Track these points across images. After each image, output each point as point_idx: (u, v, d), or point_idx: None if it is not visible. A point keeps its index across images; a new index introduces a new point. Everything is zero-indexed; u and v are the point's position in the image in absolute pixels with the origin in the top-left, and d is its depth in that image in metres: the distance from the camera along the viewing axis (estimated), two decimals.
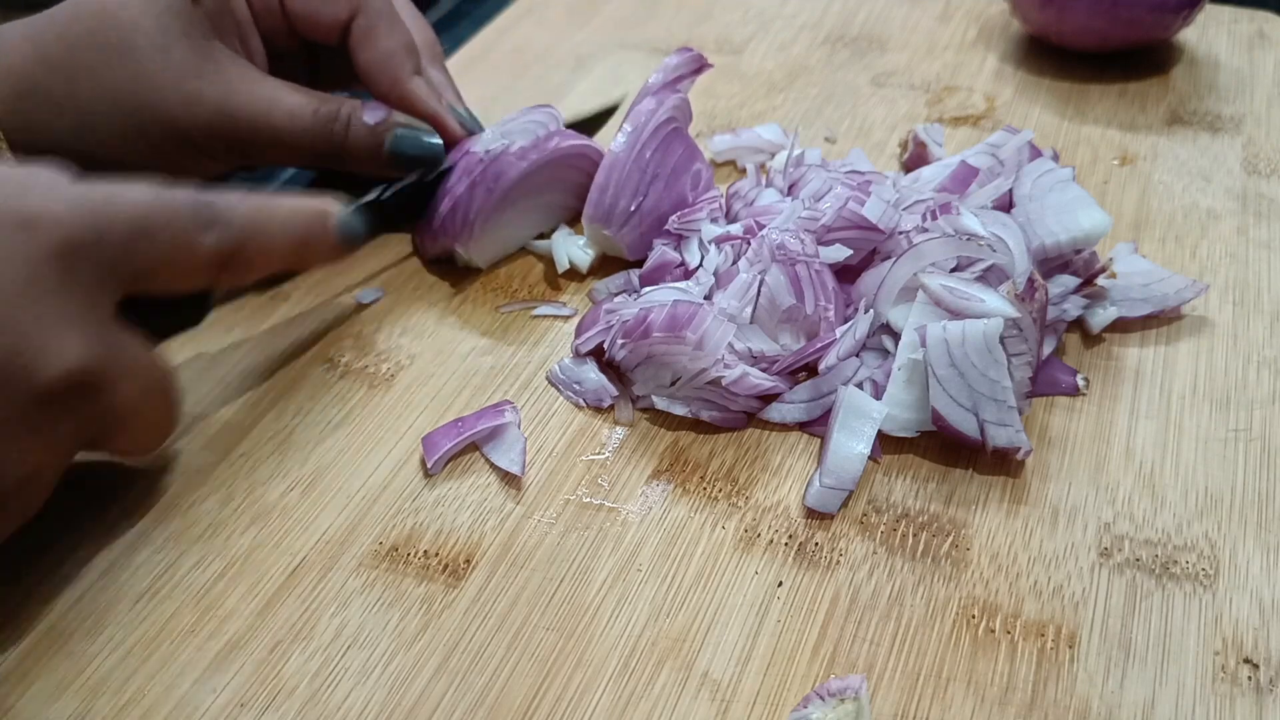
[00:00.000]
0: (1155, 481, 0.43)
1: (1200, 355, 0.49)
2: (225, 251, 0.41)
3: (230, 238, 0.41)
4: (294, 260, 0.45)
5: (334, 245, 0.46)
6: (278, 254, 0.44)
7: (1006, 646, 0.38)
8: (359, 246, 0.48)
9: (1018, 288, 0.44)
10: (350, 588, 0.40)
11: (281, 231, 0.44)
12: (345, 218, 0.47)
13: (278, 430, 0.46)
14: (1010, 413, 0.43)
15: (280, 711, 0.37)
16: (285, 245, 0.44)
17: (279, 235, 0.44)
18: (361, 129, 0.51)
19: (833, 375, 0.46)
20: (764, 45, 0.71)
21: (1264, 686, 0.37)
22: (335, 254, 0.47)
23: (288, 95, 0.51)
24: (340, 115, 0.51)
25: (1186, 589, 0.40)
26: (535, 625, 0.39)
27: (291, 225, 0.44)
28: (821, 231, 0.48)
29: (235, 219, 0.41)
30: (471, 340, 0.51)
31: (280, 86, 0.51)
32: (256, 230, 0.42)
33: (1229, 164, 0.60)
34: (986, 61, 0.69)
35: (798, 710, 0.36)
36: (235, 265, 0.42)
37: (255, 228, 0.42)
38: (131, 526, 0.43)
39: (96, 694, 0.37)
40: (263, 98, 0.50)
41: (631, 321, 0.46)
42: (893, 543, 0.41)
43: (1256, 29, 0.71)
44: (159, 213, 0.39)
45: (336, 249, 0.47)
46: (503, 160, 0.52)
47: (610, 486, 0.44)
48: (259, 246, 0.43)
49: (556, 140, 0.53)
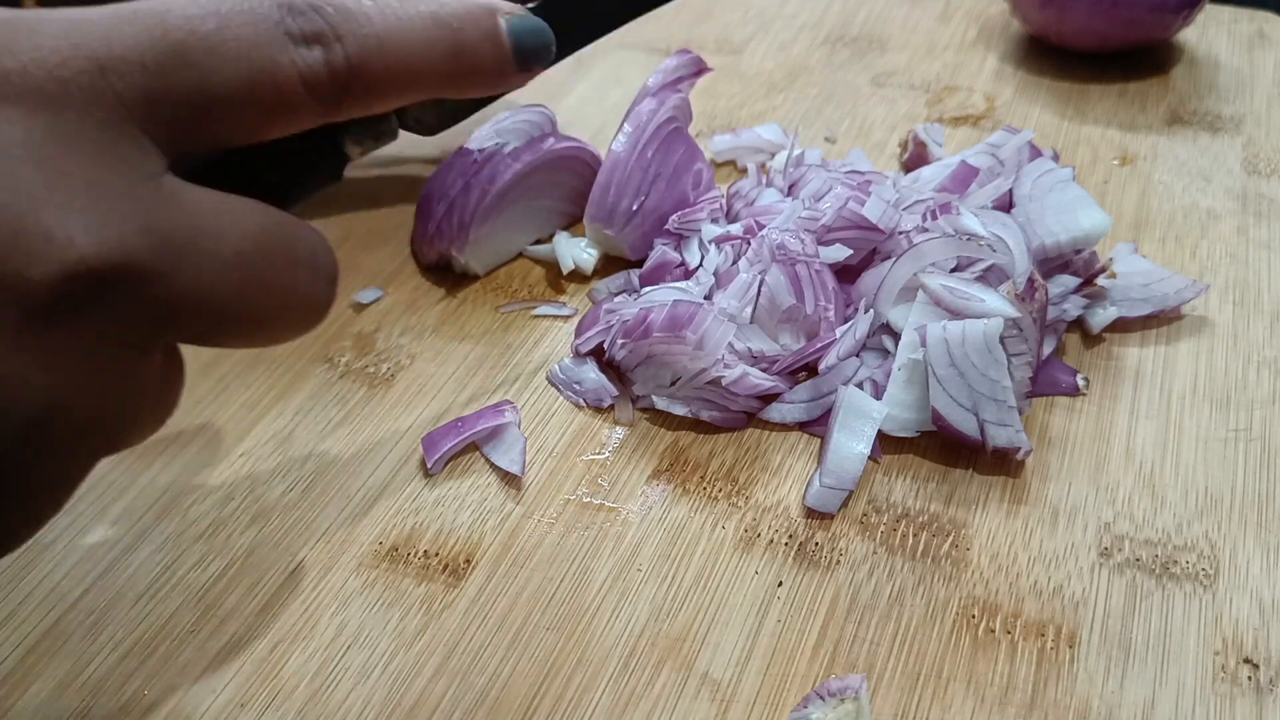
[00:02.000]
0: (1155, 481, 0.43)
1: (1200, 355, 0.49)
2: (341, 76, 0.30)
3: (345, 56, 0.30)
4: (450, 84, 0.34)
5: (506, 61, 0.35)
6: (421, 74, 0.32)
7: (1006, 646, 0.38)
8: (544, 65, 0.36)
9: (1018, 288, 0.44)
10: (350, 588, 0.40)
11: (427, 45, 0.32)
12: (522, 23, 0.35)
13: (278, 430, 0.46)
14: (1010, 413, 0.43)
15: (280, 711, 0.37)
16: (433, 64, 0.33)
17: (423, 50, 0.32)
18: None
19: (833, 375, 0.46)
20: (764, 45, 0.71)
21: (1264, 686, 0.37)
22: (509, 73, 0.35)
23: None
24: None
25: (1186, 589, 0.40)
26: (535, 625, 0.39)
27: (441, 36, 0.33)
28: (821, 231, 0.48)
29: (351, 28, 0.31)
30: (471, 340, 0.51)
31: None
32: (387, 42, 0.31)
33: (1229, 164, 0.60)
34: (986, 61, 0.69)
35: (798, 710, 0.36)
36: (357, 92, 0.31)
37: (384, 39, 0.31)
38: (131, 526, 0.43)
39: (96, 694, 0.37)
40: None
41: (631, 321, 0.46)
42: (893, 543, 0.41)
43: (1256, 29, 0.71)
44: (214, 30, 0.29)
45: (510, 67, 0.35)
46: (497, 161, 0.52)
47: (610, 486, 0.44)
48: (392, 65, 0.31)
49: (551, 141, 0.53)
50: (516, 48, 0.35)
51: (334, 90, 0.31)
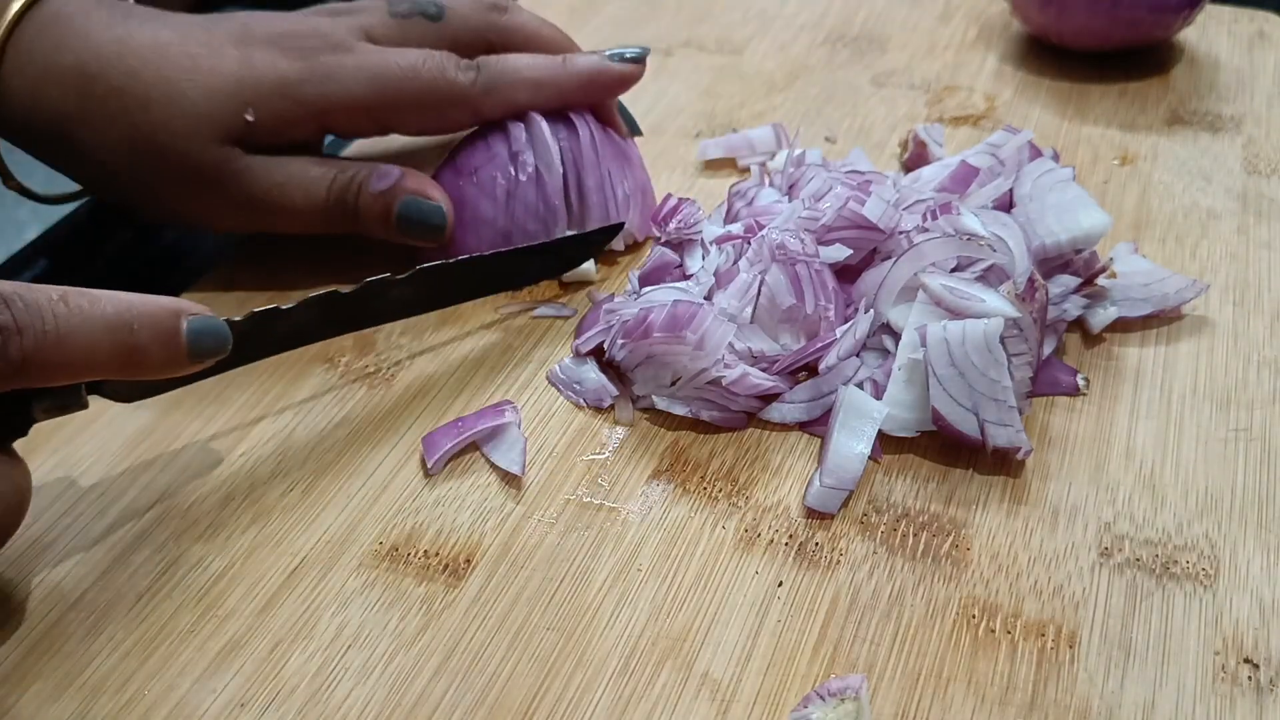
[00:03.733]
0: (1155, 481, 0.43)
1: (1200, 355, 0.49)
2: (13, 362, 0.35)
3: (20, 348, 0.35)
4: (122, 370, 0.38)
5: (179, 357, 0.39)
6: (94, 365, 0.37)
7: (1006, 646, 0.38)
8: (218, 357, 0.41)
9: (1018, 288, 0.44)
10: (350, 588, 0.40)
11: (102, 341, 0.37)
12: (201, 326, 0.39)
13: (278, 430, 0.46)
14: (1010, 412, 0.43)
15: (280, 711, 0.37)
16: (105, 357, 0.37)
17: (97, 346, 0.37)
18: (369, 197, 0.51)
19: (833, 375, 0.46)
20: (764, 45, 0.71)
21: (1264, 686, 0.37)
22: (182, 365, 0.39)
23: (306, 173, 0.50)
24: (352, 185, 0.51)
25: (1187, 589, 0.40)
26: (535, 625, 0.39)
27: (117, 334, 0.37)
28: (821, 231, 0.48)
29: (34, 325, 0.35)
30: (471, 340, 0.51)
31: (295, 164, 0.51)
32: (65, 338, 0.36)
33: (1229, 164, 0.60)
34: (986, 61, 0.69)
35: (798, 710, 0.36)
36: (32, 375, 0.36)
37: (63, 335, 0.36)
38: (132, 526, 0.43)
39: (96, 694, 0.37)
40: (281, 177, 0.50)
41: (631, 321, 0.46)
42: (893, 543, 0.41)
43: (1256, 29, 0.71)
44: None
45: (183, 361, 0.39)
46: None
47: (610, 486, 0.44)
48: (64, 357, 0.36)
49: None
50: (192, 346, 0.39)
51: (10, 373, 0.35)
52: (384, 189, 0.51)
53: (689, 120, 0.64)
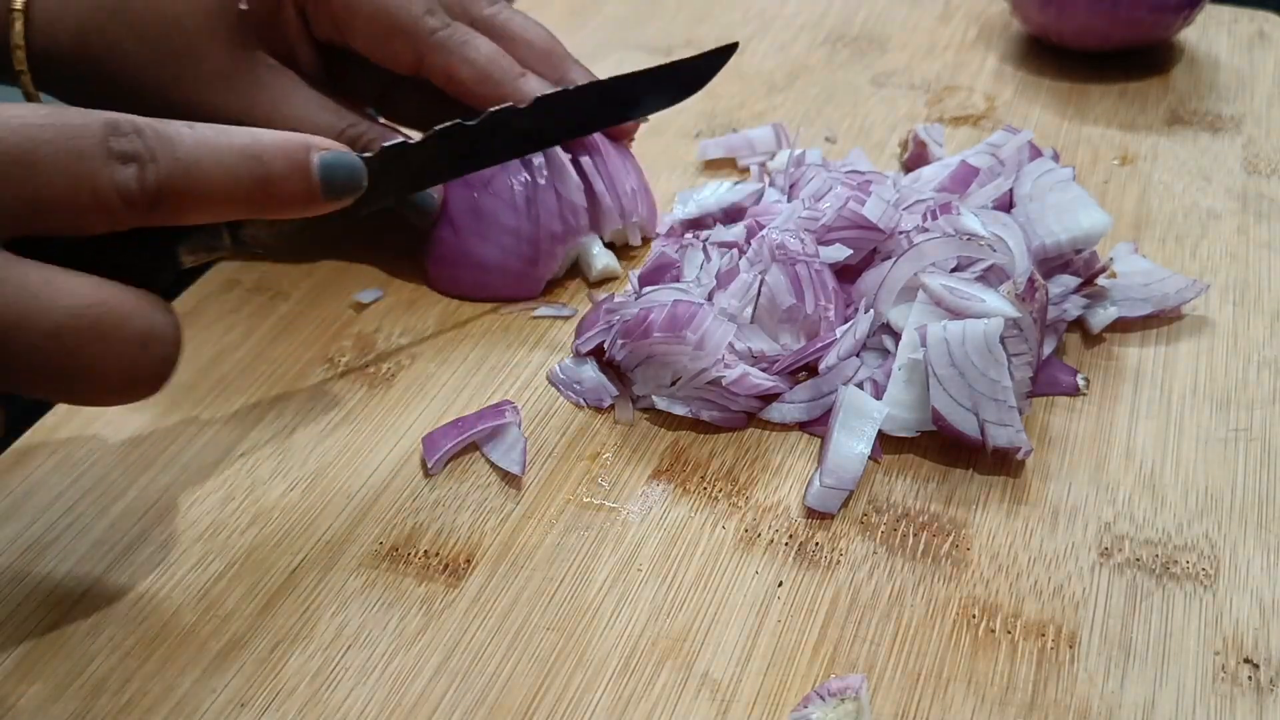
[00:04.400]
0: (1155, 481, 0.43)
1: (1200, 355, 0.49)
2: (149, 190, 0.34)
3: (154, 175, 0.34)
4: (256, 206, 0.37)
5: (313, 192, 0.38)
6: (229, 197, 0.36)
7: (1007, 646, 0.38)
8: (354, 196, 0.39)
9: (1018, 288, 0.44)
10: (350, 588, 0.40)
11: (234, 169, 0.36)
12: (334, 160, 0.38)
13: (278, 430, 0.46)
14: (1010, 412, 0.43)
15: (280, 711, 0.37)
16: (238, 187, 0.36)
17: (229, 174, 0.36)
18: None
19: (833, 375, 0.46)
20: (764, 45, 0.71)
21: (1264, 686, 0.37)
22: (316, 202, 0.38)
23: (310, 116, 0.49)
24: (358, 146, 0.49)
25: (1187, 589, 0.40)
26: (535, 625, 0.39)
27: (248, 164, 0.36)
28: (822, 231, 0.48)
29: (166, 152, 0.35)
30: (471, 340, 0.51)
31: (308, 103, 0.50)
32: (195, 165, 0.35)
33: (1229, 164, 0.60)
34: (986, 61, 0.69)
35: (798, 710, 0.36)
36: (164, 207, 0.35)
37: (193, 163, 0.35)
38: (132, 526, 0.43)
39: (96, 694, 0.37)
40: (283, 117, 0.49)
41: (631, 321, 0.46)
42: (893, 543, 0.41)
43: (1256, 29, 0.71)
44: (47, 139, 0.33)
45: (317, 197, 0.38)
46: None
47: (610, 486, 0.44)
48: (198, 186, 0.35)
49: None
50: (326, 181, 0.38)
51: (145, 203, 0.34)
52: None
53: (689, 120, 0.64)
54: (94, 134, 0.34)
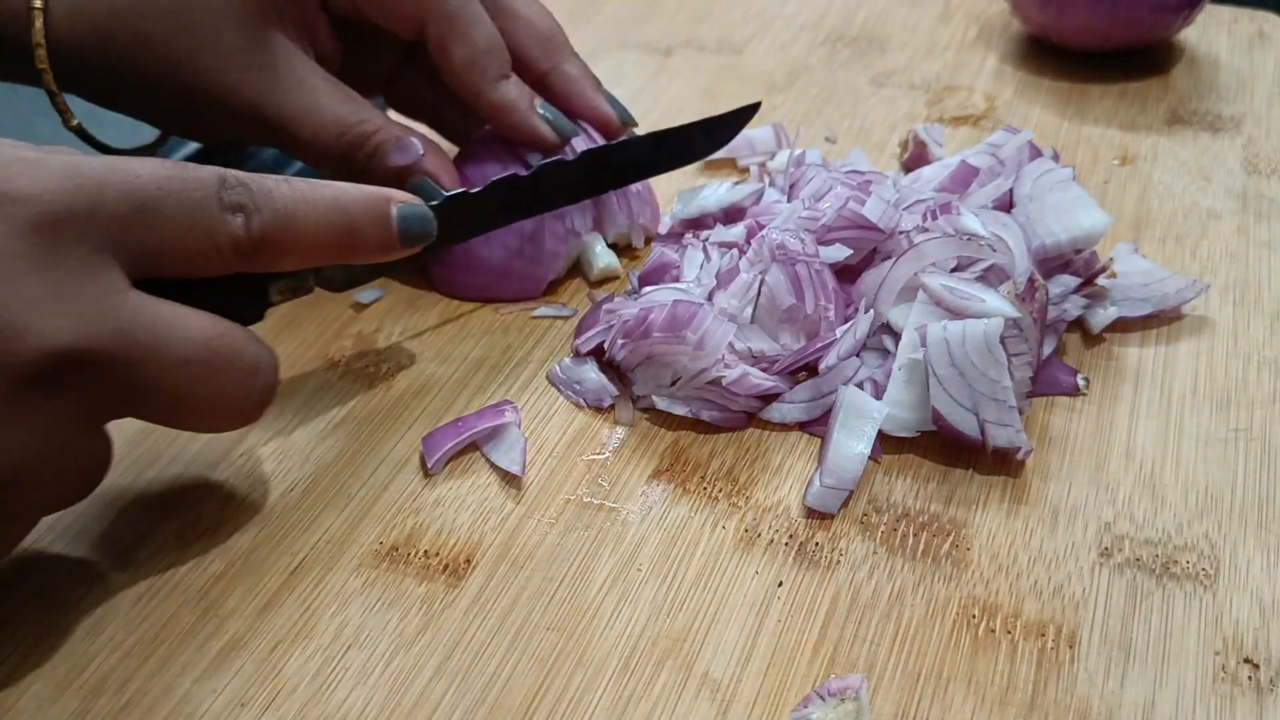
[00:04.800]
0: (1155, 481, 0.43)
1: (1200, 355, 0.49)
2: (254, 237, 0.39)
3: (259, 224, 0.39)
4: (342, 253, 0.42)
5: (392, 240, 0.43)
6: (319, 245, 0.41)
7: (1007, 646, 0.38)
8: (425, 243, 0.44)
9: (1018, 288, 0.44)
10: (350, 588, 0.40)
11: (324, 220, 0.41)
12: (410, 212, 0.43)
13: (278, 430, 0.46)
14: (1010, 413, 0.43)
15: (280, 711, 0.37)
16: (329, 236, 0.41)
17: (320, 225, 0.40)
18: (384, 166, 0.50)
19: (833, 375, 0.46)
20: (764, 45, 0.71)
21: (1264, 686, 0.37)
22: (394, 249, 0.43)
23: (320, 108, 0.49)
24: (367, 146, 0.49)
25: (1187, 589, 0.40)
26: (535, 625, 0.39)
27: (336, 216, 0.41)
28: (822, 231, 0.48)
29: (268, 204, 0.39)
30: (472, 340, 0.51)
31: (319, 94, 0.49)
32: (292, 217, 0.40)
33: (1229, 164, 0.60)
34: (986, 61, 0.69)
35: (798, 710, 0.36)
36: (266, 253, 0.39)
37: (291, 214, 0.40)
38: (132, 526, 0.43)
39: (96, 694, 0.37)
40: (295, 106, 0.49)
41: (631, 321, 0.46)
42: (893, 543, 0.41)
43: (1256, 29, 0.71)
44: (170, 192, 0.37)
45: (395, 244, 0.43)
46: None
47: (610, 486, 0.44)
48: (294, 235, 0.40)
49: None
50: (403, 231, 0.43)
51: (249, 248, 0.39)
52: (402, 165, 0.50)
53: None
54: (210, 187, 0.38)
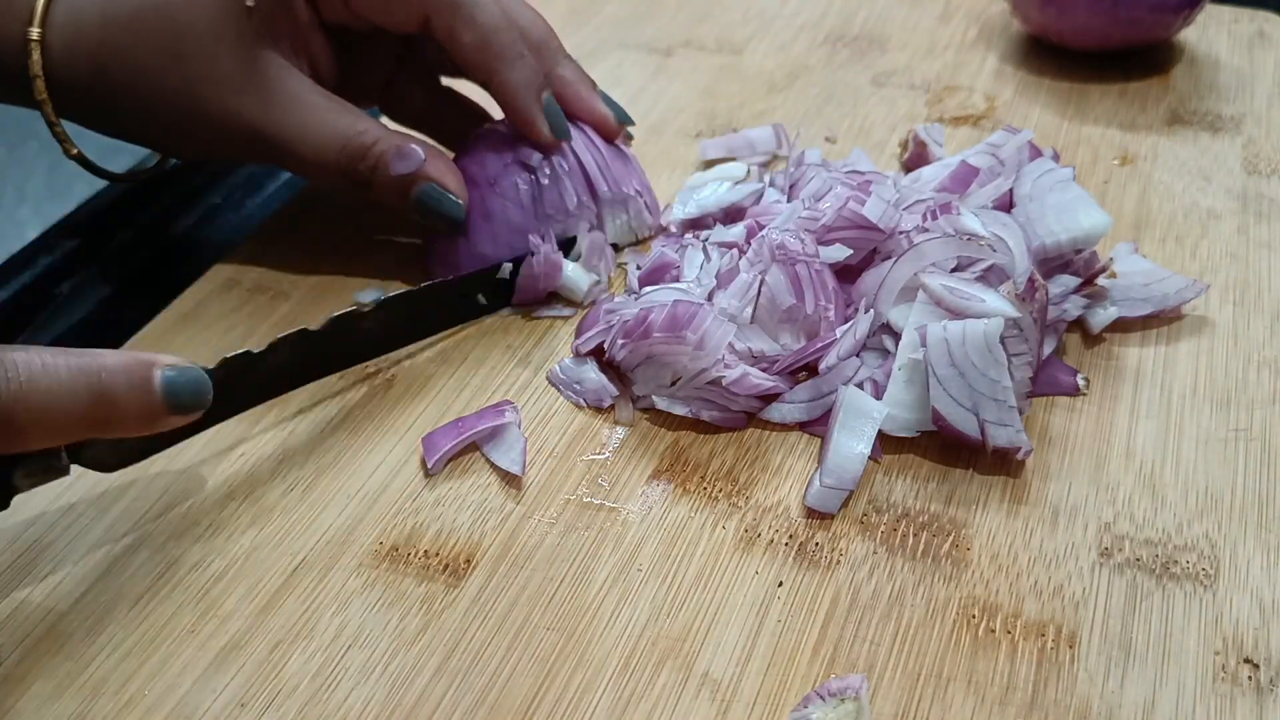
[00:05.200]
0: (1155, 481, 0.43)
1: (1200, 355, 0.49)
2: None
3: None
4: (96, 426, 0.37)
5: (155, 409, 0.38)
6: (65, 418, 0.36)
7: (1007, 646, 0.38)
8: (199, 410, 0.39)
9: (1018, 288, 0.44)
10: (350, 588, 0.40)
11: (69, 391, 0.36)
12: (179, 375, 0.38)
13: (278, 430, 0.46)
14: (1010, 413, 0.43)
15: (280, 711, 0.37)
16: (74, 408, 0.36)
17: (64, 396, 0.36)
18: (386, 176, 0.50)
19: (833, 375, 0.46)
20: (764, 45, 0.71)
21: (1264, 686, 0.37)
22: (160, 418, 0.38)
23: (319, 124, 0.49)
24: (368, 157, 0.49)
25: (1187, 589, 0.40)
26: (535, 625, 0.39)
27: (85, 384, 0.36)
28: (822, 231, 0.48)
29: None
30: (471, 340, 0.51)
31: (316, 110, 0.49)
32: (29, 389, 0.35)
33: (1229, 164, 0.60)
34: (986, 61, 0.69)
35: (798, 710, 0.36)
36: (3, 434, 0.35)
37: (28, 386, 0.35)
38: (132, 526, 0.43)
39: (96, 694, 0.37)
40: (293, 124, 0.49)
41: (631, 321, 0.46)
42: (893, 543, 0.41)
43: (1256, 29, 0.71)
44: None
45: (160, 413, 0.38)
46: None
47: (610, 486, 0.44)
48: (31, 409, 0.35)
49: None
50: (169, 398, 0.38)
51: None
52: (404, 173, 0.50)
53: (689, 120, 0.64)
54: None
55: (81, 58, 0.48)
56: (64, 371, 0.36)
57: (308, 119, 0.49)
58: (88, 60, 0.48)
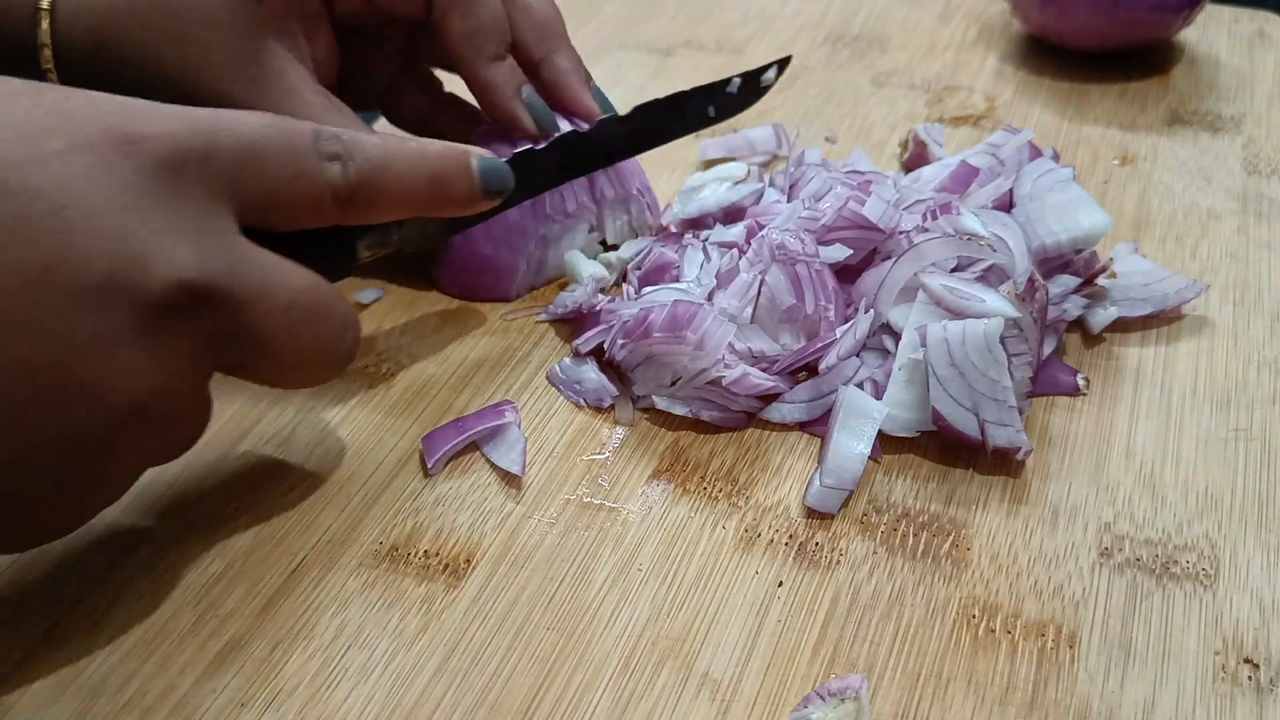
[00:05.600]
0: (1155, 481, 0.43)
1: (1200, 355, 0.49)
2: (351, 184, 0.40)
3: (355, 171, 0.40)
4: (429, 203, 0.43)
5: (474, 192, 0.44)
6: (409, 193, 0.42)
7: (1007, 646, 0.38)
8: (503, 198, 0.45)
9: (1018, 288, 0.44)
10: (350, 588, 0.40)
11: (413, 170, 0.42)
12: (490, 163, 0.44)
13: (278, 430, 0.46)
14: (1010, 413, 0.43)
15: (280, 711, 0.37)
16: (418, 185, 0.42)
17: (410, 174, 0.42)
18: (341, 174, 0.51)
19: (833, 375, 0.46)
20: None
21: (1264, 686, 0.37)
22: (476, 201, 0.44)
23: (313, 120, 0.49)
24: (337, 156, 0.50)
25: (1187, 589, 0.40)
26: (535, 625, 0.39)
27: (424, 165, 0.42)
28: (822, 231, 0.48)
29: (360, 152, 0.40)
30: (472, 340, 0.51)
31: (312, 108, 0.49)
32: (385, 166, 0.41)
33: (1229, 164, 0.60)
34: (986, 61, 0.69)
35: (798, 710, 0.36)
36: (361, 201, 0.41)
37: (383, 163, 0.41)
38: (132, 526, 0.43)
39: (96, 694, 0.37)
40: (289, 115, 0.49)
41: (631, 321, 0.46)
42: (893, 543, 0.41)
43: (1256, 29, 0.71)
44: (274, 139, 0.38)
45: (477, 196, 0.44)
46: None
47: (610, 486, 0.44)
48: (387, 183, 0.41)
49: None
50: (484, 182, 0.44)
51: (347, 196, 0.40)
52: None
53: None
54: (306, 135, 0.39)
55: (84, 30, 0.48)
56: (409, 155, 0.42)
57: (300, 115, 0.49)
58: (90, 33, 0.48)
